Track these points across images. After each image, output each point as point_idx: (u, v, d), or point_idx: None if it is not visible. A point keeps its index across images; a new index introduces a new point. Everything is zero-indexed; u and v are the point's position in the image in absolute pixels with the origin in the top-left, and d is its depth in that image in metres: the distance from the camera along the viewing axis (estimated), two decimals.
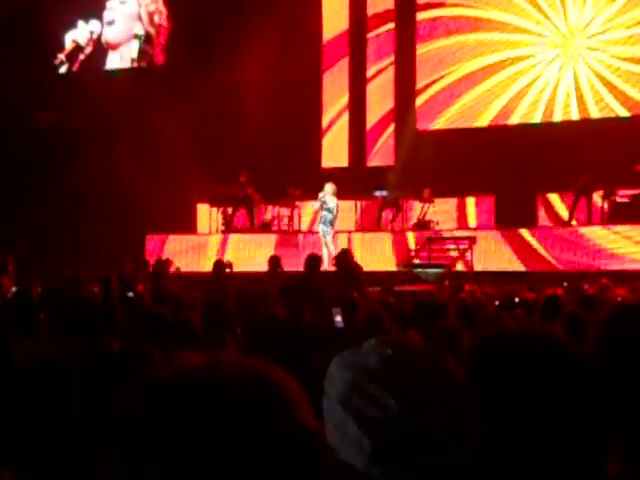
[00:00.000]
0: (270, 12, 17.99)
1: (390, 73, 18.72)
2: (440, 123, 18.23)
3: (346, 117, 19.09)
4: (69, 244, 16.71)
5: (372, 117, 18.86)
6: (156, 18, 20.48)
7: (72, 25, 20.72)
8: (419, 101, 18.38)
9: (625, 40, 16.74)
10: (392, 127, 18.66)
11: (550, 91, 17.34)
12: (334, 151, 19.01)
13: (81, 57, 20.91)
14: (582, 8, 17.08)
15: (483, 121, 17.90)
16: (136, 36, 20.53)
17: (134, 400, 0.90)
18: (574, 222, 15.30)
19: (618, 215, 14.81)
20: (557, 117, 17.28)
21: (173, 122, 18.03)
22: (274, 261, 12.18)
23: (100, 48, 20.84)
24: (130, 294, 7.19)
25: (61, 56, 20.87)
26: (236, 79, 18.21)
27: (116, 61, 20.84)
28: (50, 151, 18.97)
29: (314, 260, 10.14)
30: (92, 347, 3.01)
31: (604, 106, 16.86)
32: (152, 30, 20.52)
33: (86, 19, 20.71)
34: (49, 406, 2.30)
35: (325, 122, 19.18)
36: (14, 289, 9.96)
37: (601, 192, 15.25)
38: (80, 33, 20.76)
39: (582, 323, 4.42)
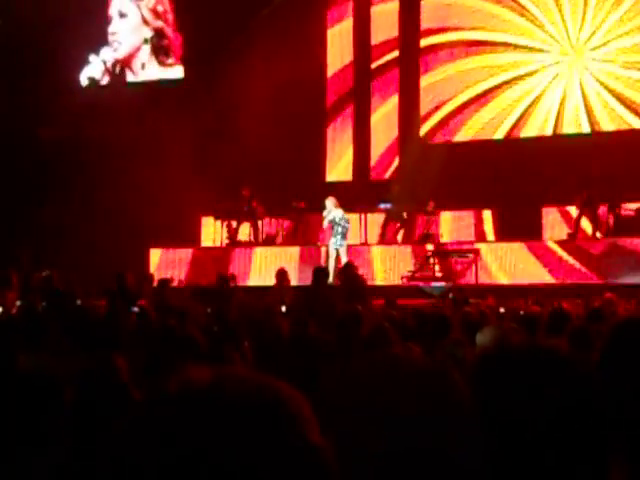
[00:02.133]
0: (275, 27, 18.05)
1: (395, 99, 18.79)
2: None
3: (350, 130, 19.10)
4: (72, 258, 16.70)
5: (376, 131, 18.88)
6: (159, 8, 20.28)
7: (84, 61, 20.70)
8: (424, 129, 18.40)
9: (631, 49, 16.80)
10: (396, 140, 18.69)
11: (553, 105, 17.36)
12: (338, 165, 19.03)
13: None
14: (583, 22, 17.11)
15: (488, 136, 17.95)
16: (145, 40, 20.41)
17: (138, 415, 0.89)
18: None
19: (623, 228, 14.79)
20: (561, 130, 17.28)
21: (177, 135, 18.06)
22: (281, 274, 12.07)
23: (117, 75, 20.77)
24: (135, 309, 7.17)
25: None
26: (240, 92, 18.25)
27: (131, 76, 20.76)
28: (53, 166, 18.99)
29: (321, 272, 10.09)
30: (95, 362, 3.01)
31: (614, 117, 16.87)
32: (160, 23, 20.35)
33: (96, 51, 20.66)
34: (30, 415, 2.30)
35: (329, 136, 19.18)
36: (18, 303, 9.98)
37: (606, 205, 15.23)
38: (94, 68, 20.63)
39: (588, 337, 4.41)
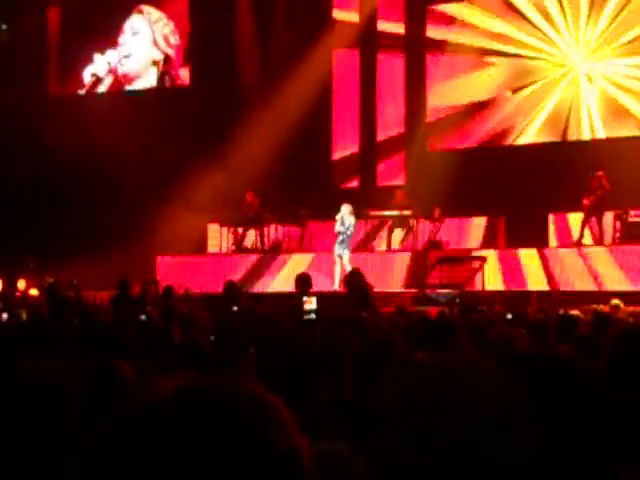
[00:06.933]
0: (281, 32, 18.08)
1: (400, 90, 18.78)
2: (450, 143, 18.27)
3: (356, 137, 19.10)
4: (80, 264, 16.74)
5: (383, 137, 18.88)
6: (172, 40, 20.45)
7: (89, 61, 20.81)
8: (429, 136, 18.39)
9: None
10: (402, 147, 18.68)
11: (560, 111, 17.35)
12: (344, 171, 19.04)
13: (101, 88, 20.93)
14: (594, 26, 17.10)
15: (493, 141, 17.92)
16: (154, 63, 20.51)
17: (126, 419, 0.89)
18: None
19: (630, 235, 14.76)
20: (568, 136, 17.26)
21: (185, 142, 18.11)
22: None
23: (119, 77, 20.87)
24: (142, 317, 7.17)
25: (82, 92, 20.90)
26: (247, 99, 18.30)
27: (136, 86, 20.85)
28: (62, 170, 19.04)
29: (303, 280, 9.79)
30: (98, 366, 3.01)
31: (621, 123, 16.82)
32: (170, 51, 20.48)
33: (102, 52, 20.76)
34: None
35: (336, 142, 19.19)
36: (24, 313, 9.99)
37: (613, 211, 15.20)
38: (98, 66, 20.79)
39: (595, 343, 4.39)
